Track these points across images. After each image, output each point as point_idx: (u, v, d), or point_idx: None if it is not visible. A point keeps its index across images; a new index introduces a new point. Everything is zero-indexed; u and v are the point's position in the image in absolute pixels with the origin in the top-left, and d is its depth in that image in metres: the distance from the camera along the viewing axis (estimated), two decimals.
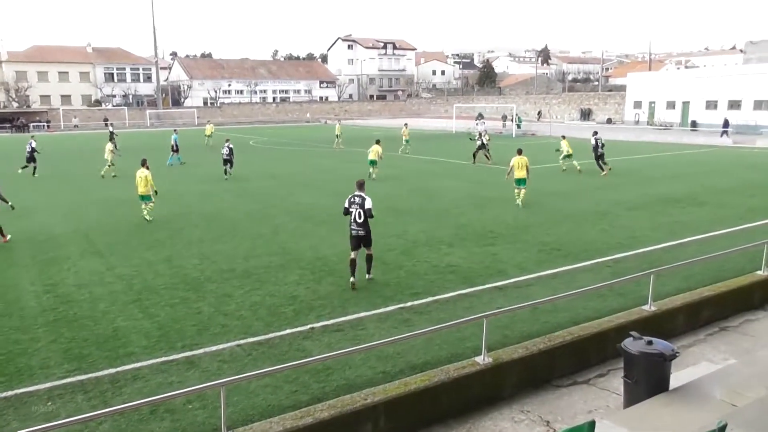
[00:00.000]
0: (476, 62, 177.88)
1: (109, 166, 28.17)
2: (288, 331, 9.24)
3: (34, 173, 28.45)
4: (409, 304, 10.37)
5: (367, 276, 11.61)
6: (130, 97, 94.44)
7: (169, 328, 9.41)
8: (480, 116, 67.16)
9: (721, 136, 48.38)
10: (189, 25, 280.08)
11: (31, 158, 28.77)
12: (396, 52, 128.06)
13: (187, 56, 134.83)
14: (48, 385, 7.59)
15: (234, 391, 7.21)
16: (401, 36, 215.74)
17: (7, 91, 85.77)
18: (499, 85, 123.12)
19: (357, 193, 11.37)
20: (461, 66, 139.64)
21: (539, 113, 79.96)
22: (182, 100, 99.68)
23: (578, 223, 16.74)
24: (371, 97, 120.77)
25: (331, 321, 9.62)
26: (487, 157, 31.45)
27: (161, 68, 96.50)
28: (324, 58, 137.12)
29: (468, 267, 12.53)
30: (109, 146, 29.13)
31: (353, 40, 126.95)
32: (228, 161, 26.91)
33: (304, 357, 8.06)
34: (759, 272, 11.59)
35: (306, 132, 63.92)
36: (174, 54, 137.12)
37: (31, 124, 74.50)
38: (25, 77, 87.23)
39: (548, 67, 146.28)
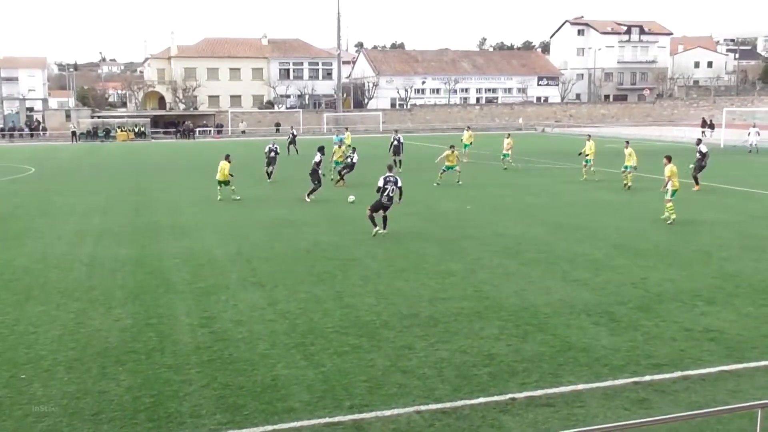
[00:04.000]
0: (760, 50, 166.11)
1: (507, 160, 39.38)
2: (481, 399, 9.27)
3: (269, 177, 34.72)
4: (647, 378, 9.97)
5: (382, 231, 19.76)
6: (306, 97, 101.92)
7: (335, 381, 9.91)
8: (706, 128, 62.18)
9: None
10: (378, 11, 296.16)
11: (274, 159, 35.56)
12: (644, 37, 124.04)
13: (375, 48, 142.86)
14: None
15: None
16: (651, 16, 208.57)
17: (174, 91, 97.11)
18: None
19: (388, 174, 19.72)
20: (737, 55, 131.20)
21: None
22: (366, 101, 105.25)
23: None
24: (606, 97, 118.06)
25: (539, 392, 9.50)
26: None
27: (344, 62, 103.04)
28: (545, 48, 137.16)
29: (736, 334, 11.79)
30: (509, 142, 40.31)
31: (585, 24, 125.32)
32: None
33: None
34: None
35: (518, 143, 63.81)
36: (359, 45, 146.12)
37: (197, 129, 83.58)
38: (194, 75, 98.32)
39: None
